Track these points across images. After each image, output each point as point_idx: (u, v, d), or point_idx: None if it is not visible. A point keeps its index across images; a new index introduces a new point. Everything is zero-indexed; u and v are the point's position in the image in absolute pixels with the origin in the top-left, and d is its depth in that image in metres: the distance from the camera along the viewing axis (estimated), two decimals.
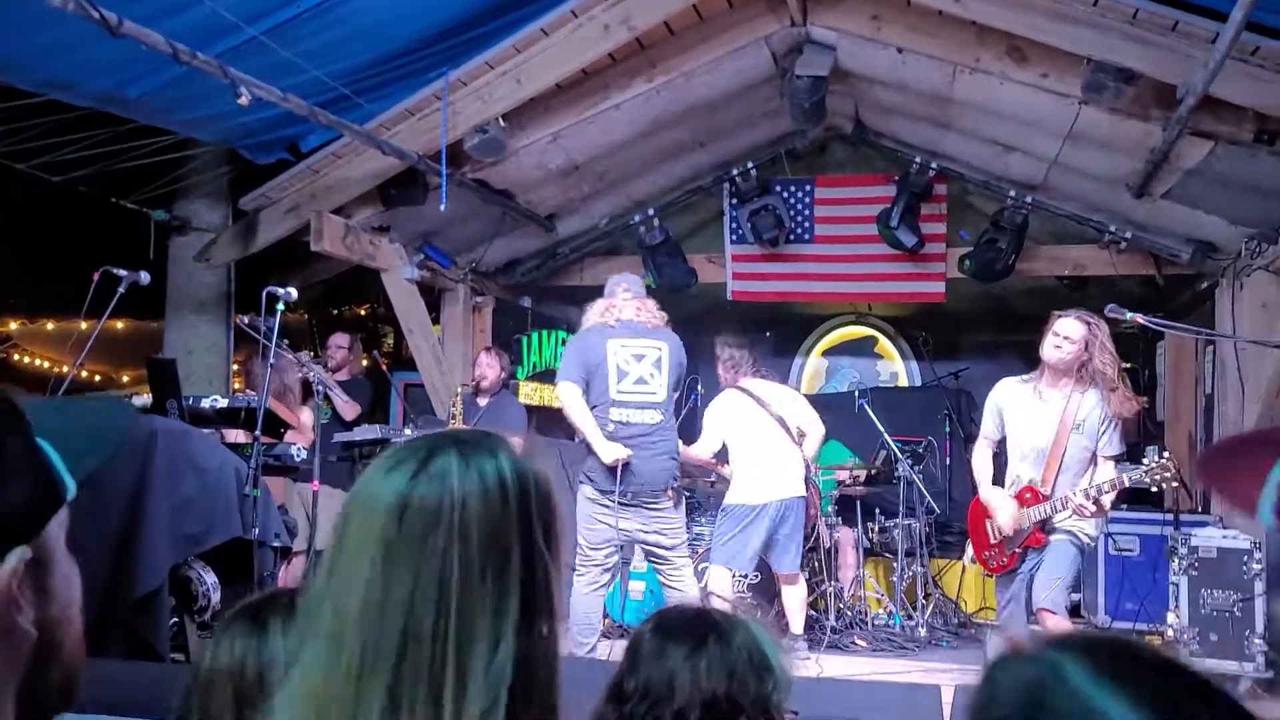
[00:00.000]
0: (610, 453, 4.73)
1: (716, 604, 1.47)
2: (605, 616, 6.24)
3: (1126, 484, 4.19)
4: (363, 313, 10.34)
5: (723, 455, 5.88)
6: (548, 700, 0.94)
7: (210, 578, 3.69)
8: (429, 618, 0.89)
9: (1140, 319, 4.35)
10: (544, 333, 8.27)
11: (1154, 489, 4.28)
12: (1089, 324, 4.27)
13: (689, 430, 6.92)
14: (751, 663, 1.35)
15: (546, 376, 8.22)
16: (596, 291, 8.44)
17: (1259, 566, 4.80)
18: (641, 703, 1.33)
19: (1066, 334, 4.26)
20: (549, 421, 8.32)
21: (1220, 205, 5.62)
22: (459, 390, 6.35)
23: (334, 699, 0.88)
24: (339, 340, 6.66)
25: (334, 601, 0.91)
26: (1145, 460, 4.28)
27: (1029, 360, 8.81)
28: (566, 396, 4.92)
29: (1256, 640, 4.76)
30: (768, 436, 5.68)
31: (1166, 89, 4.63)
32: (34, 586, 0.74)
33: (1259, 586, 4.79)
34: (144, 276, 4.21)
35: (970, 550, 4.81)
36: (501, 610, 0.91)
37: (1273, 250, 5.56)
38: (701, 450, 5.81)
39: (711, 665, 1.33)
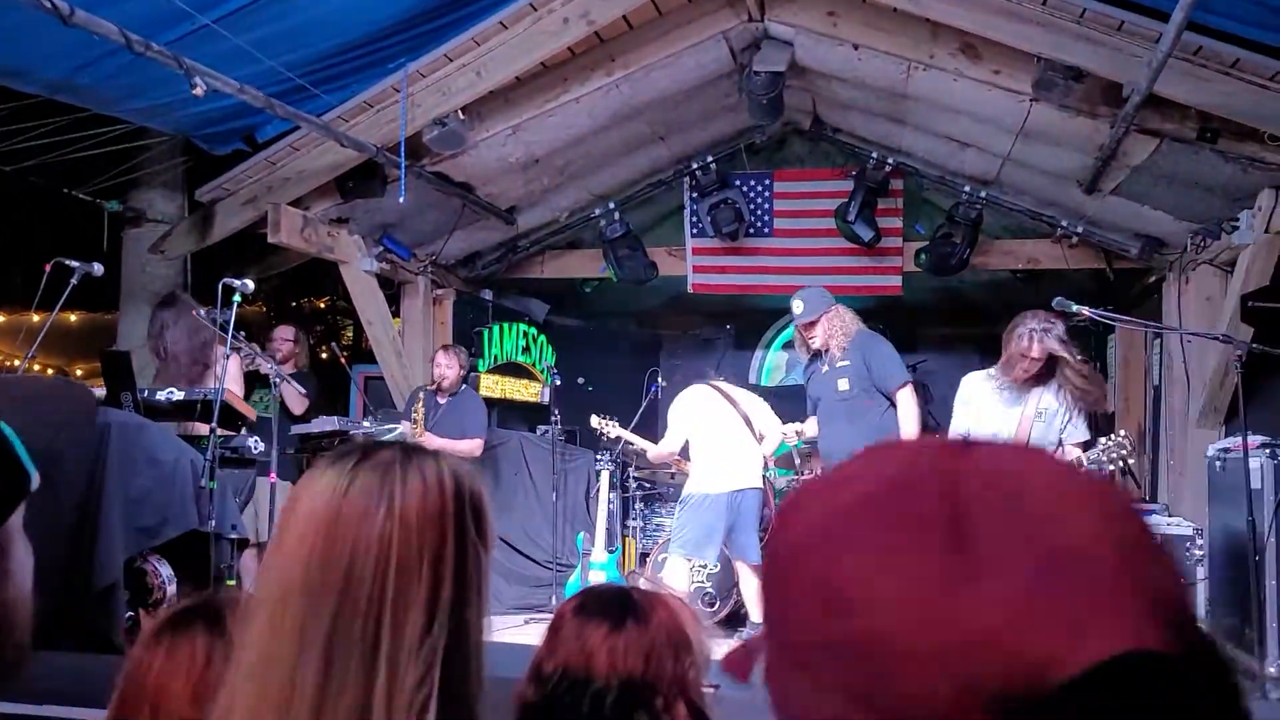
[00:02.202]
0: None
1: (641, 585, 1.50)
2: None
3: (1085, 465, 4.30)
4: (321, 305, 10.28)
5: (683, 451, 5.93)
6: (473, 682, 1.00)
7: (166, 570, 3.68)
8: (365, 587, 0.94)
9: (1087, 312, 4.45)
10: (505, 325, 8.27)
11: (1111, 467, 4.39)
12: (1042, 340, 4.43)
13: (651, 423, 6.98)
14: (669, 642, 1.38)
15: (508, 369, 8.24)
16: (557, 284, 8.58)
17: (1200, 553, 4.93)
18: (560, 683, 1.35)
19: (1034, 356, 4.43)
20: (511, 414, 8.34)
21: (1166, 201, 5.74)
22: (421, 391, 6.34)
23: (276, 660, 0.93)
24: (284, 333, 6.60)
25: (279, 571, 0.97)
26: (1101, 440, 4.39)
27: (984, 352, 8.94)
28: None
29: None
30: (732, 431, 5.75)
31: (1114, 87, 4.74)
32: None
33: (1200, 572, 4.92)
34: (97, 268, 4.17)
35: None
36: (436, 591, 0.97)
37: (1216, 245, 5.69)
38: (668, 446, 5.89)
39: (629, 646, 1.36)
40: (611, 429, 6.38)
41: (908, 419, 5.19)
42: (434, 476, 1.00)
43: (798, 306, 5.47)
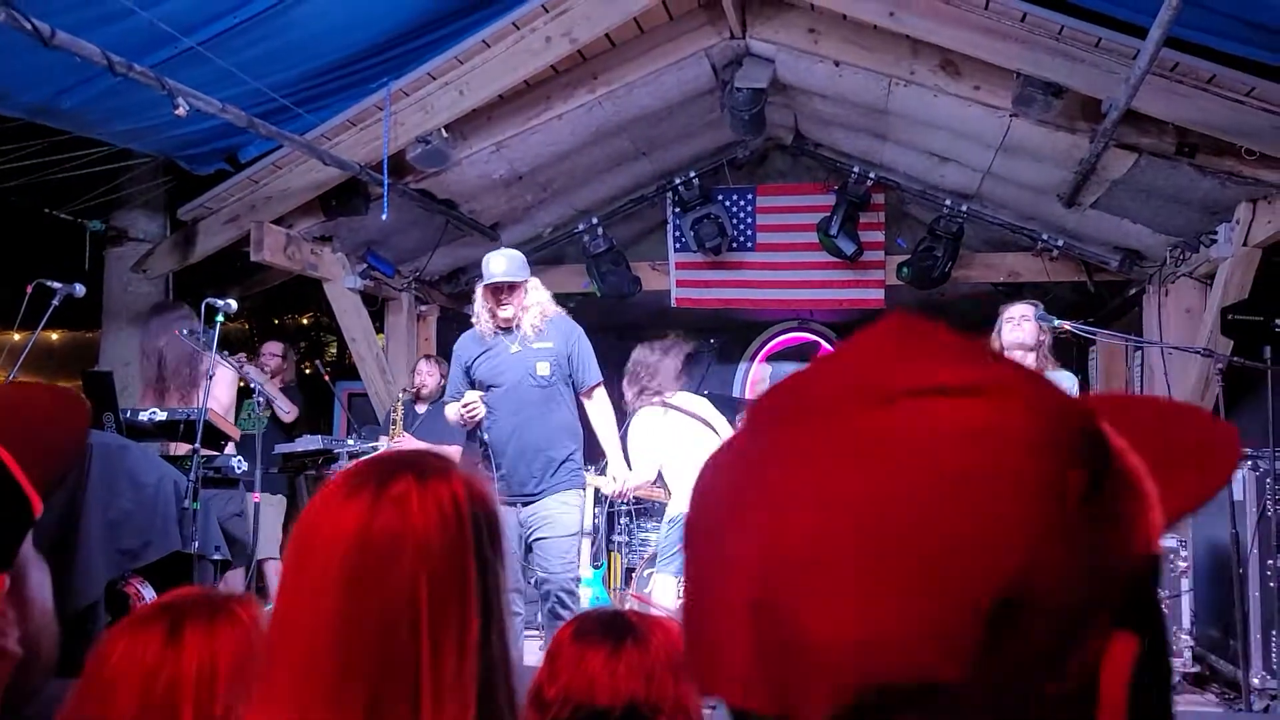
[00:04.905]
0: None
1: (630, 604, 1.50)
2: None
3: None
4: (305, 322, 10.24)
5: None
6: (510, 700, 1.02)
7: (149, 592, 3.65)
8: (403, 632, 0.95)
9: (1068, 326, 4.49)
10: None
11: None
12: (1037, 311, 4.60)
13: None
14: (669, 663, 1.38)
15: None
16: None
17: (1184, 564, 4.95)
18: (563, 709, 1.35)
19: (1021, 314, 4.57)
20: None
21: (1146, 215, 5.80)
22: (400, 396, 6.34)
23: (312, 711, 0.93)
24: (273, 349, 6.64)
25: (304, 624, 0.96)
26: None
27: None
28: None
29: (1184, 636, 4.91)
30: (700, 442, 5.64)
31: (1092, 103, 4.79)
32: (14, 603, 0.74)
33: (1185, 584, 4.94)
34: (79, 289, 4.15)
35: None
36: (465, 623, 0.97)
37: (1195, 258, 5.75)
38: (641, 478, 5.43)
39: (630, 669, 1.36)
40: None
41: (607, 416, 4.77)
42: (450, 501, 1.00)
43: (499, 264, 4.52)
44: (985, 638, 0.41)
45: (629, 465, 5.45)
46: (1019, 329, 4.55)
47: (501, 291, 4.52)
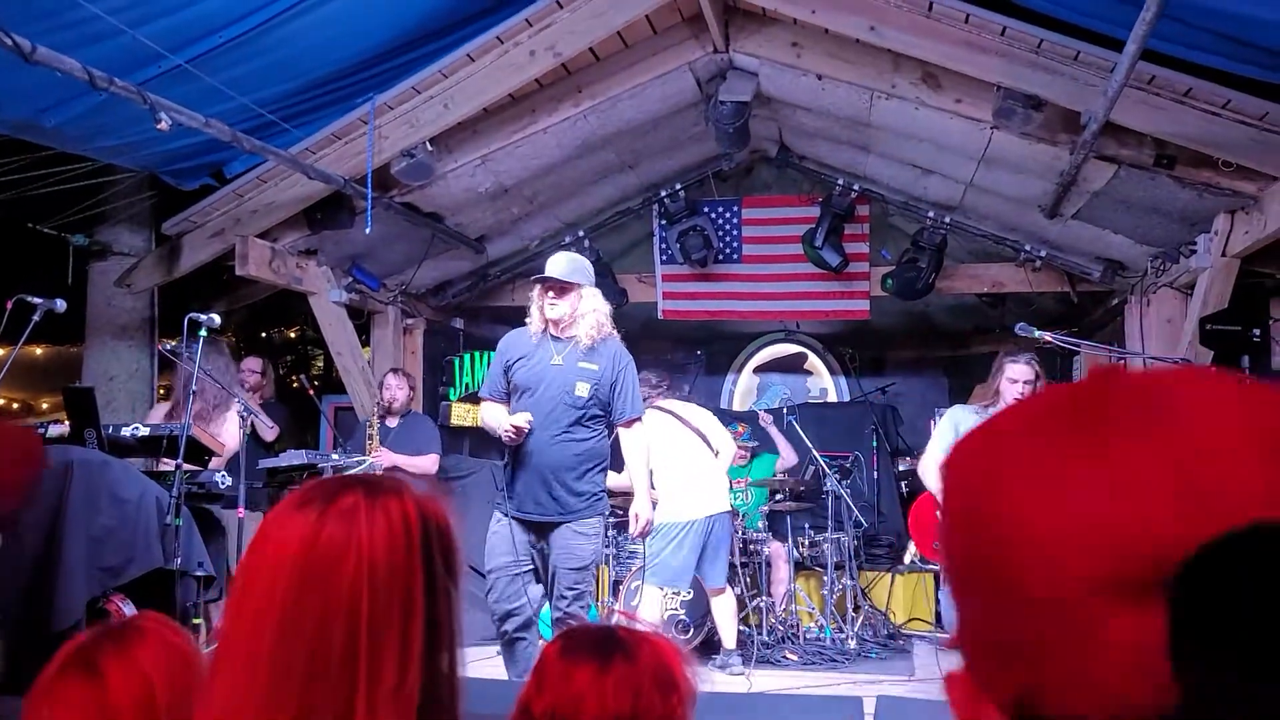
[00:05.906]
0: None
1: (623, 622, 1.50)
2: (541, 637, 6.24)
3: None
4: (292, 335, 10.22)
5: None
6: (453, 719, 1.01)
7: (130, 610, 3.63)
8: (339, 642, 0.94)
9: (1049, 337, 4.51)
10: (476, 354, 8.25)
11: None
12: (1036, 367, 4.59)
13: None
14: (657, 680, 1.38)
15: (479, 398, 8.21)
16: (527, 313, 8.52)
17: None
18: None
19: (1025, 379, 4.55)
20: (483, 443, 8.31)
21: (1126, 225, 5.84)
22: (373, 415, 6.34)
23: (246, 713, 0.93)
24: (252, 364, 6.61)
25: (247, 629, 0.97)
26: None
27: (952, 374, 8.99)
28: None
29: None
30: (692, 453, 5.72)
31: (1072, 115, 4.83)
32: None
33: None
34: (59, 304, 4.14)
35: (911, 550, 4.91)
36: (407, 638, 0.97)
37: (1175, 268, 5.79)
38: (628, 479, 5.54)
39: (617, 686, 1.36)
40: None
41: (640, 450, 4.47)
42: (399, 517, 1.00)
43: (559, 263, 4.27)
44: None
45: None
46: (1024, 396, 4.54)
47: (552, 290, 4.25)
